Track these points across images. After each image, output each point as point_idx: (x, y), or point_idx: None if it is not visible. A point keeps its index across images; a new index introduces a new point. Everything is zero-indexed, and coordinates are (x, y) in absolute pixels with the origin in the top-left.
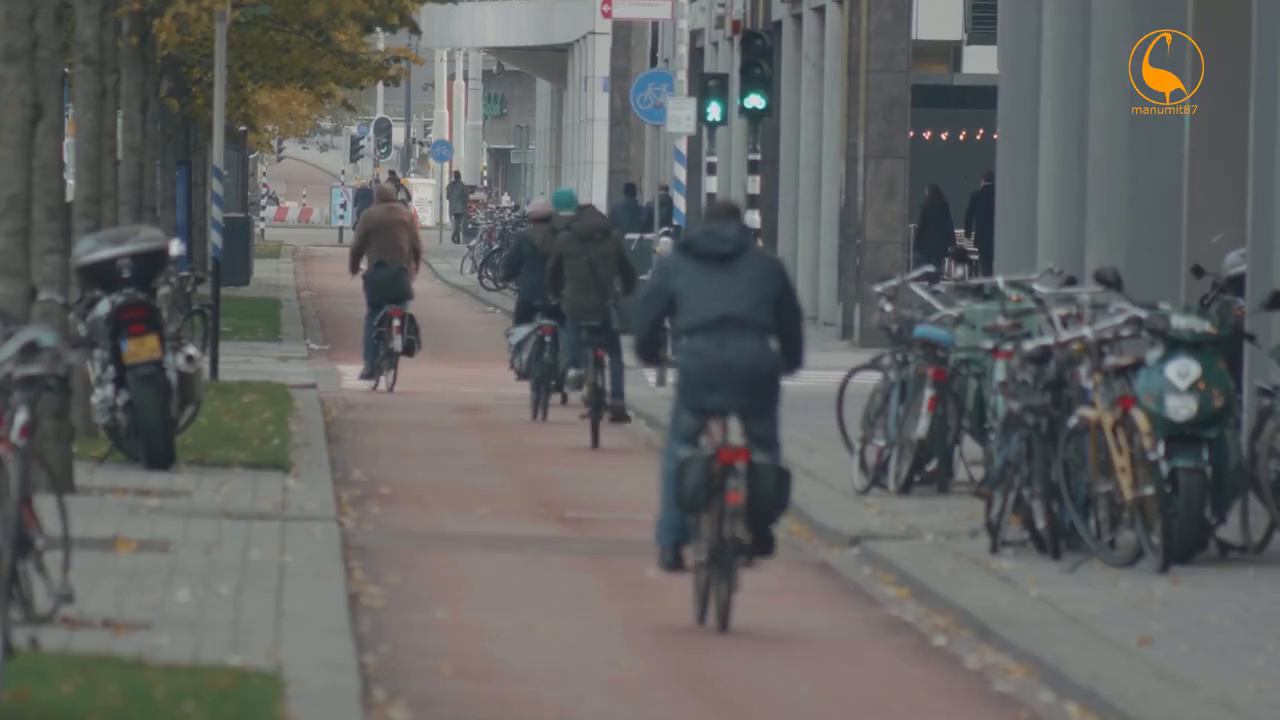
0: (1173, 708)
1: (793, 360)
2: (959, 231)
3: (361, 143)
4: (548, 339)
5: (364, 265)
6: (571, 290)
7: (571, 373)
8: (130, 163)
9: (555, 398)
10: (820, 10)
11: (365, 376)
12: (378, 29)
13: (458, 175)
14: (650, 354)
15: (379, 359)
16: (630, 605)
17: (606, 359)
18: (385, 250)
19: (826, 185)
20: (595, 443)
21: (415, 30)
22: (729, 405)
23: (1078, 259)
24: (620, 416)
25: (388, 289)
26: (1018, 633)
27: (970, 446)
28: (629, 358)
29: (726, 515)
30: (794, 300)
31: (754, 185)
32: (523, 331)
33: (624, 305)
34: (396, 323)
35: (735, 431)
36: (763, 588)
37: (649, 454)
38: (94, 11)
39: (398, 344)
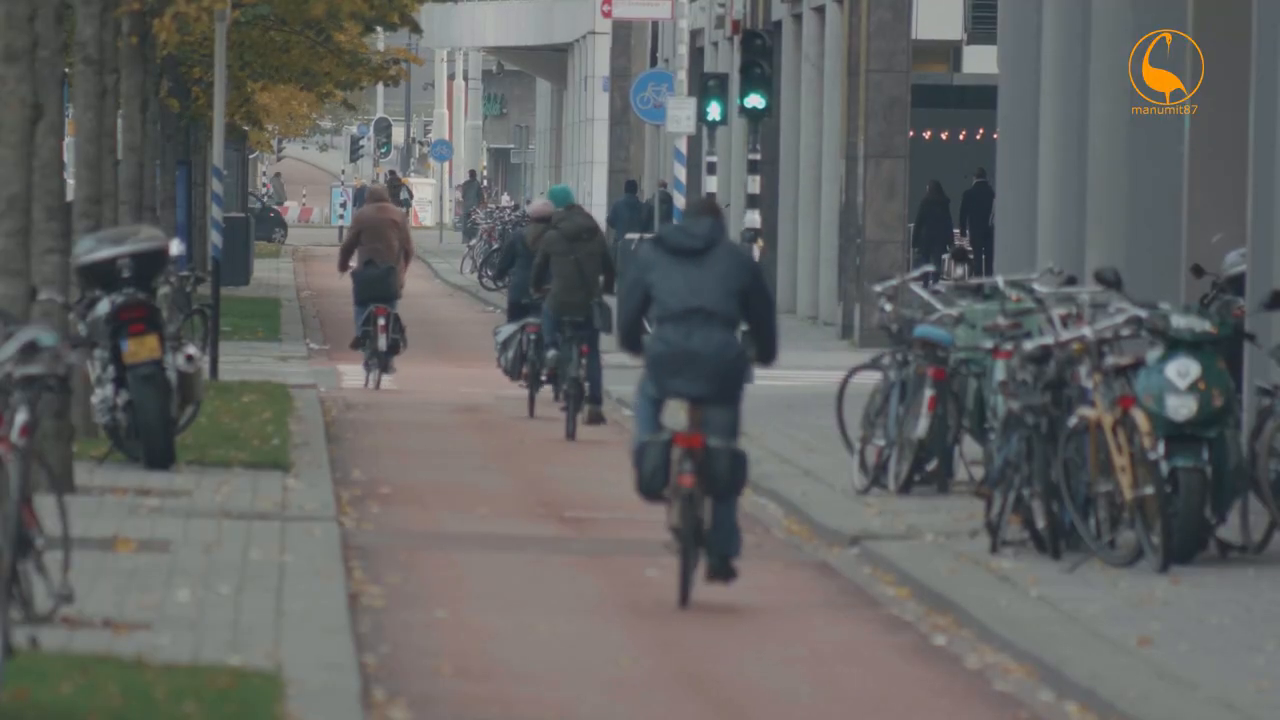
0: (1173, 708)
1: (766, 352)
2: (956, 230)
3: (361, 142)
4: (533, 337)
5: (354, 263)
6: (558, 288)
7: (550, 353)
8: (130, 163)
9: (543, 392)
10: (820, 10)
11: (355, 346)
12: (378, 29)
13: (473, 174)
14: (633, 343)
15: (367, 357)
16: (630, 605)
17: (588, 356)
18: (374, 250)
19: (826, 185)
20: (571, 434)
21: (415, 30)
22: (691, 391)
23: (1078, 259)
24: (597, 419)
25: (374, 288)
26: (1018, 633)
27: (970, 446)
28: (613, 344)
29: (681, 498)
30: (763, 293)
31: (754, 185)
32: (509, 330)
33: (606, 304)
34: (381, 321)
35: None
36: (763, 588)
37: None
38: (94, 11)
39: (382, 343)
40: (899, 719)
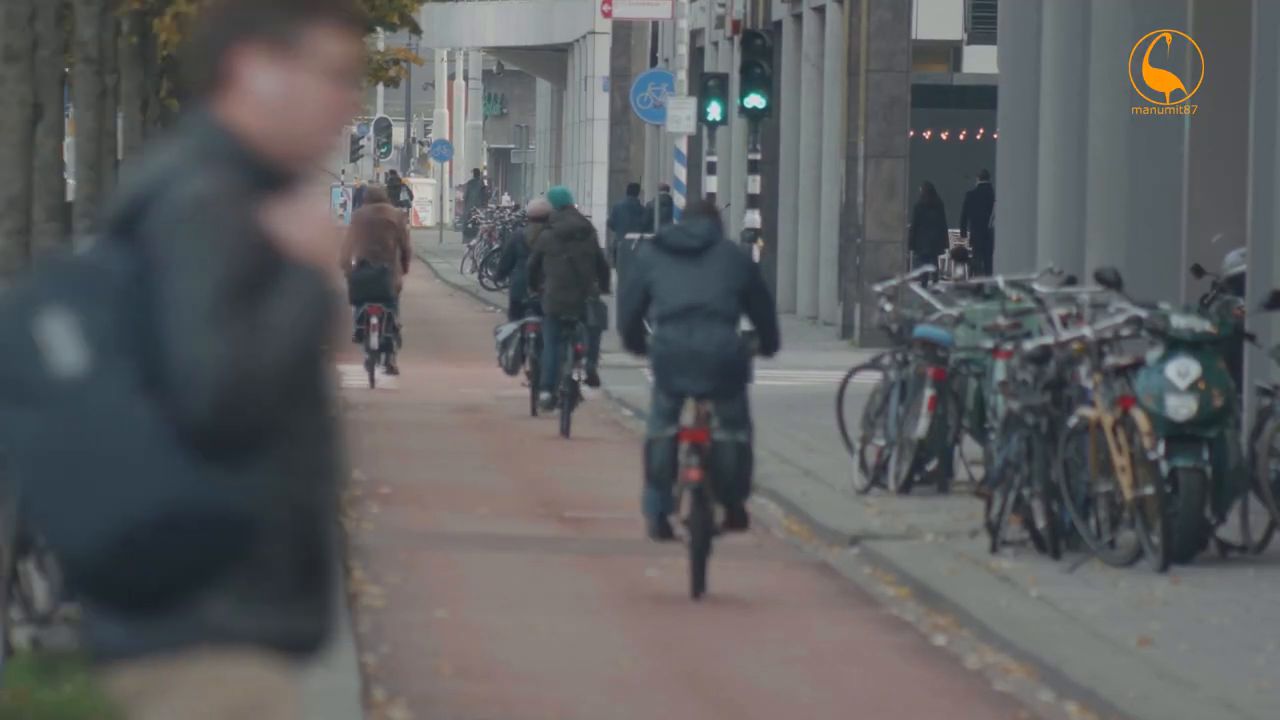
0: (1173, 708)
1: (769, 344)
2: (953, 231)
3: (361, 142)
4: (532, 335)
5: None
6: (552, 287)
7: (544, 396)
8: (131, 163)
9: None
10: (820, 10)
11: (356, 340)
12: (378, 29)
13: (476, 173)
14: (636, 341)
15: (366, 357)
16: (630, 605)
17: (587, 344)
18: (370, 250)
19: (826, 185)
20: (566, 431)
21: (415, 30)
22: (696, 388)
23: (1078, 259)
24: (594, 380)
25: (368, 288)
26: (1018, 633)
27: (970, 446)
28: (613, 344)
29: (689, 490)
30: (762, 290)
31: (754, 185)
32: (509, 329)
33: (601, 303)
34: (374, 320)
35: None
36: (763, 588)
37: None
38: (94, 11)
39: (374, 341)
40: (899, 719)
